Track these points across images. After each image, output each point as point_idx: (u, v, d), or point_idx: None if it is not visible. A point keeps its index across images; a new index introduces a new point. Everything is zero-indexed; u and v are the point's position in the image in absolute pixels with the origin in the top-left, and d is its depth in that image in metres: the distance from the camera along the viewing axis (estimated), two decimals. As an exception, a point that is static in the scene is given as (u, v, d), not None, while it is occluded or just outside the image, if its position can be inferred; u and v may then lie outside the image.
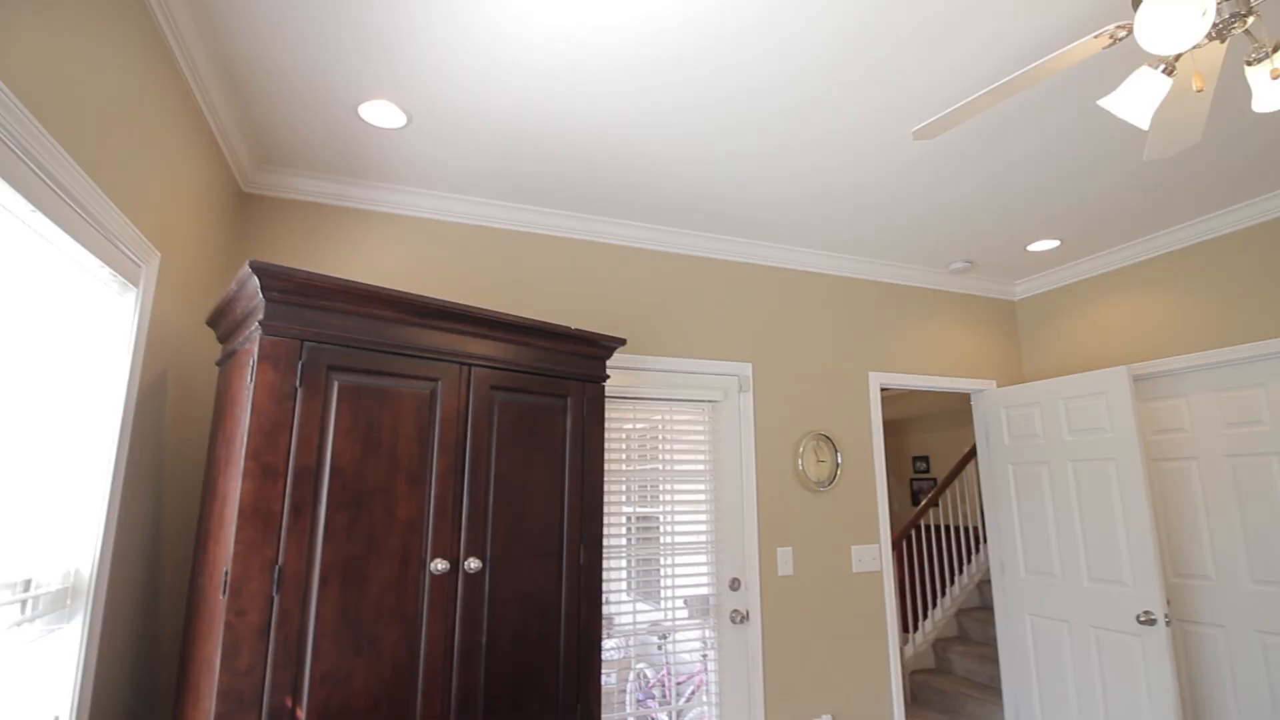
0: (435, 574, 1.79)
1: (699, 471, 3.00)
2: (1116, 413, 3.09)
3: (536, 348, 2.11)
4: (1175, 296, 3.31)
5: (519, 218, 2.85)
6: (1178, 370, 3.28)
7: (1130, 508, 3.01)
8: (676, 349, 3.07)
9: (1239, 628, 3.01)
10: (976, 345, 3.90)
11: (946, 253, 3.51)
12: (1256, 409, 3.02)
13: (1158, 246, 3.36)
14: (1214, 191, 2.86)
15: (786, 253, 3.38)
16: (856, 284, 3.60)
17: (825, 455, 3.28)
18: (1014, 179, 2.69)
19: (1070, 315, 3.79)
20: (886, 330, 3.63)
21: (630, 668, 2.91)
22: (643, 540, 2.88)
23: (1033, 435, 3.50)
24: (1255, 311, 3.01)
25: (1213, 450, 3.16)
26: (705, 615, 2.90)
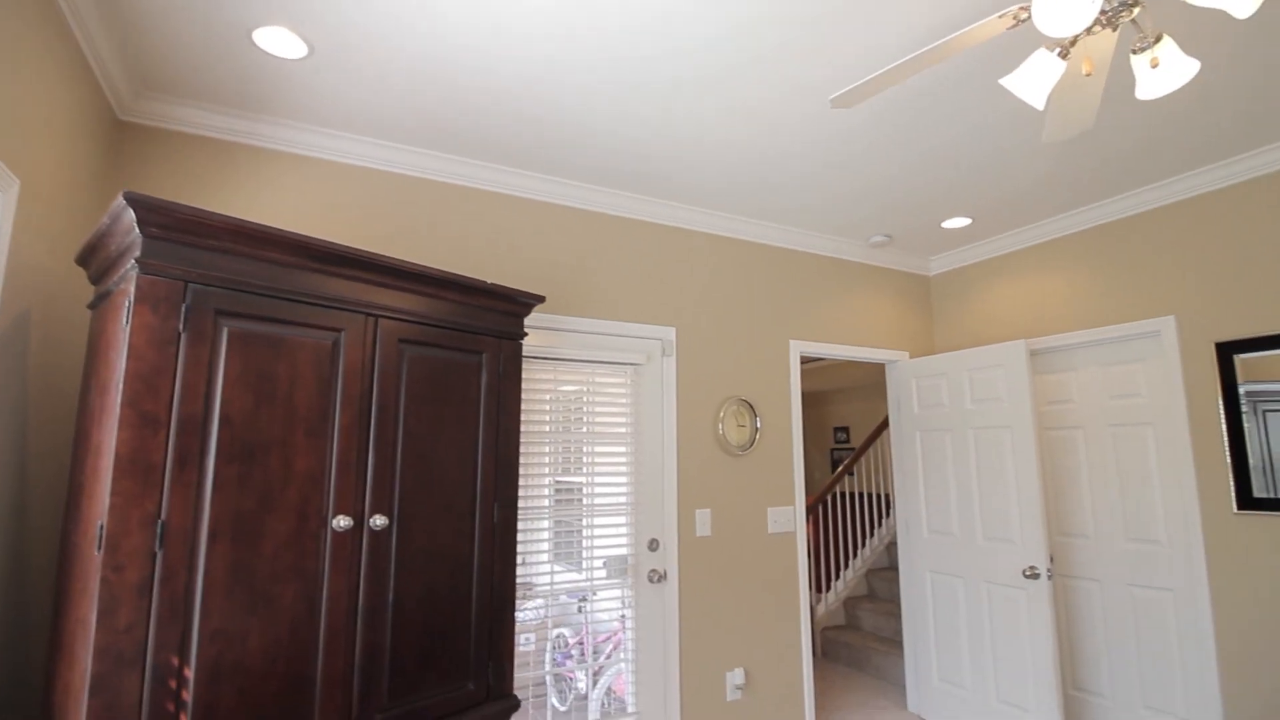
0: (338, 530, 1.73)
1: (621, 434, 3.01)
2: (1013, 384, 3.29)
3: (449, 301, 2.04)
4: (1071, 277, 3.53)
5: (434, 166, 2.74)
6: (1069, 346, 3.52)
7: (1021, 472, 3.23)
8: (600, 311, 3.05)
9: (1112, 581, 3.30)
10: (892, 318, 4.06)
11: (867, 226, 3.61)
12: (1136, 383, 3.28)
13: (1059, 229, 3.57)
14: (1107, 178, 3.04)
15: (712, 218, 3.39)
16: (780, 253, 3.66)
17: (745, 420, 3.35)
18: (932, 158, 2.78)
19: (979, 291, 3.99)
20: (808, 300, 3.72)
21: (550, 631, 2.93)
22: (564, 503, 2.88)
23: (939, 404, 3.68)
24: (1138, 293, 3.24)
25: (1096, 420, 3.42)
26: (624, 575, 2.94)
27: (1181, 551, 3.03)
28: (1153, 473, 3.17)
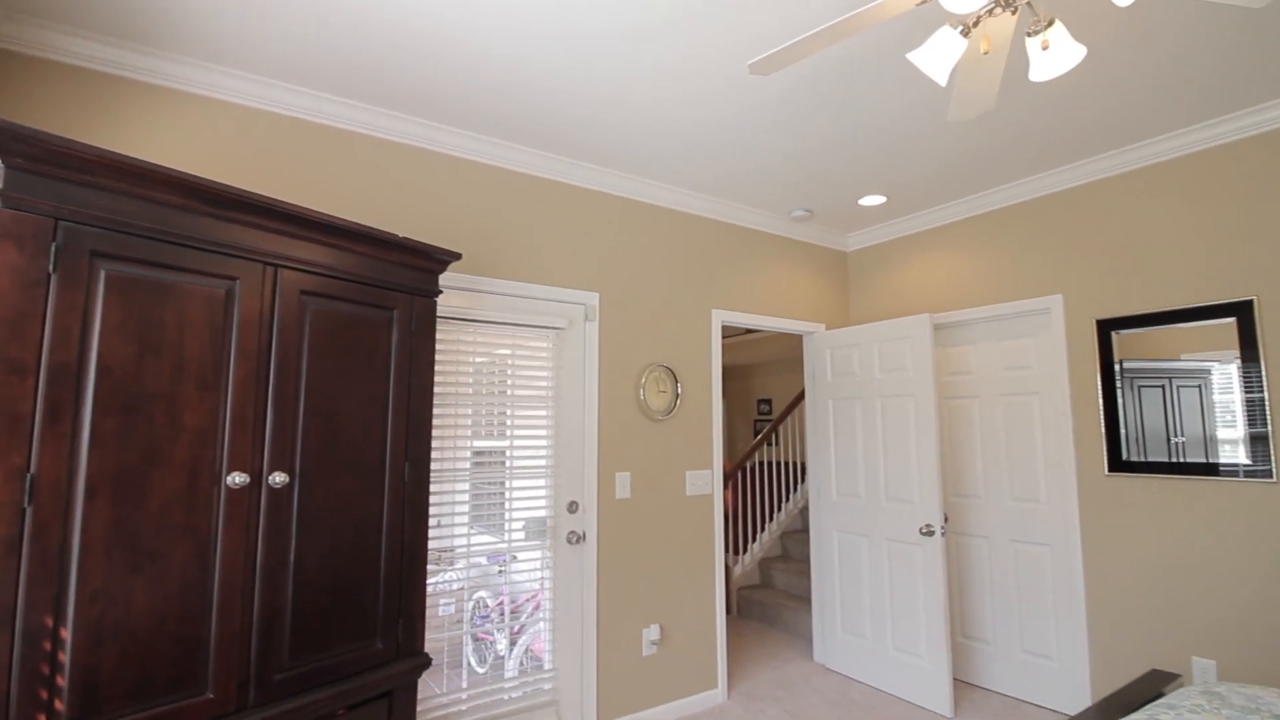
0: (233, 488, 1.67)
1: (542, 398, 3.01)
2: (918, 355, 3.48)
3: (359, 254, 1.97)
4: (974, 256, 3.74)
5: (349, 115, 2.61)
6: (970, 321, 3.74)
7: (921, 438, 3.44)
8: (523, 273, 3.01)
9: (999, 537, 3.58)
10: (811, 291, 4.20)
11: (789, 200, 3.70)
12: (1026, 356, 3.53)
13: (965, 210, 3.76)
14: (1008, 164, 3.22)
15: (639, 184, 3.39)
16: (705, 223, 3.71)
17: (666, 386, 3.41)
18: (849, 135, 2.87)
19: (892, 268, 4.17)
20: (730, 271, 3.79)
21: (467, 597, 2.92)
22: (486, 467, 2.86)
23: (851, 374, 3.86)
24: (1032, 273, 3.48)
25: (990, 390, 3.67)
26: (543, 538, 2.97)
27: (1059, 510, 3.32)
28: (1037, 439, 3.44)
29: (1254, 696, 1.78)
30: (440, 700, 2.65)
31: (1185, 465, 2.90)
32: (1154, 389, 3.02)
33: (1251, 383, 2.74)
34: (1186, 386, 2.93)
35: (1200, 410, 2.87)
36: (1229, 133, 2.81)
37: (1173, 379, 2.97)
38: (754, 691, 3.56)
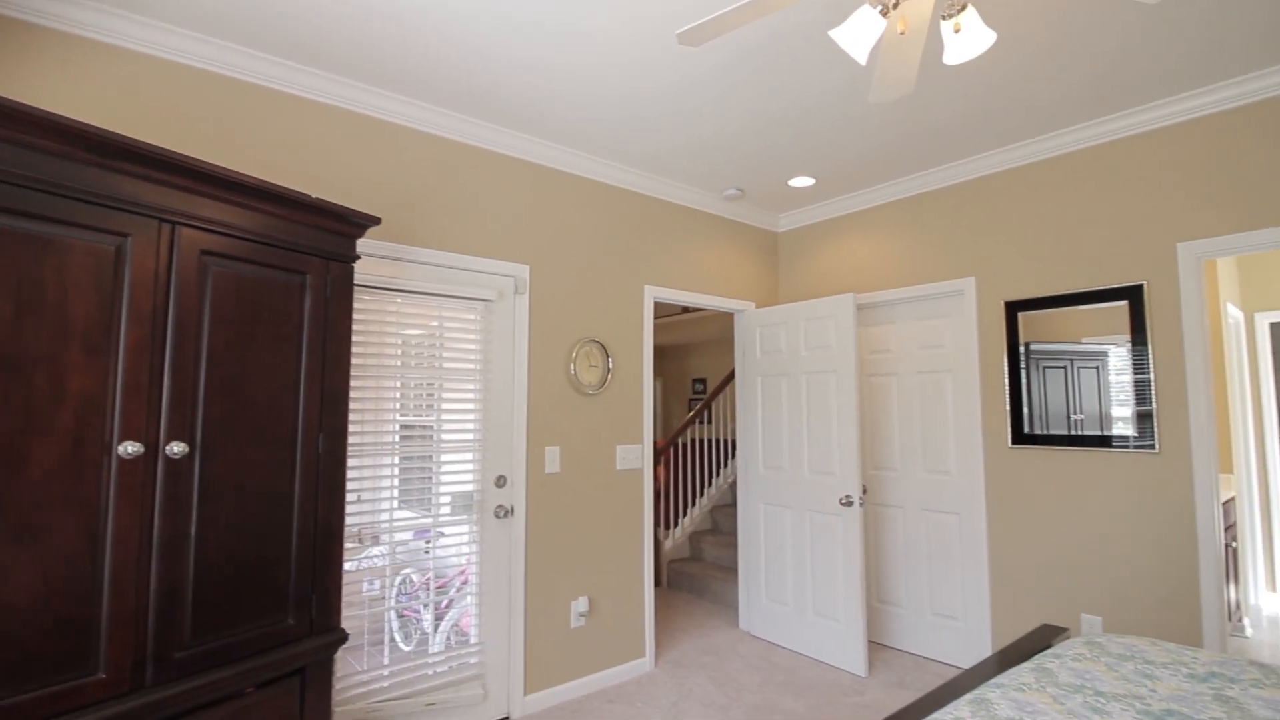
0: (125, 457, 1.57)
1: (471, 371, 2.95)
2: (841, 333, 3.60)
3: (267, 214, 1.87)
4: (897, 239, 3.88)
5: (260, 69, 2.45)
6: (891, 301, 3.89)
7: (843, 413, 3.57)
8: (451, 244, 2.93)
9: (912, 506, 3.77)
10: (743, 269, 4.26)
11: (721, 179, 3.73)
12: (941, 335, 3.70)
13: (889, 194, 3.89)
14: (929, 150, 3.34)
15: (572, 156, 3.35)
16: (638, 198, 3.70)
17: (597, 361, 3.41)
18: (779, 116, 2.90)
19: (820, 248, 4.28)
20: (663, 247, 3.80)
21: (388, 574, 2.86)
22: (413, 441, 2.79)
23: (779, 351, 3.95)
24: (948, 256, 3.64)
25: (908, 368, 3.84)
26: (470, 512, 2.93)
27: (967, 480, 3.52)
28: (949, 414, 3.63)
29: (1130, 645, 1.95)
30: (360, 678, 2.60)
31: (1082, 438, 3.12)
32: (1057, 369, 3.23)
33: (1140, 364, 2.96)
34: (1086, 367, 3.14)
35: (1098, 389, 3.09)
36: (1127, 127, 3.00)
37: (1074, 360, 3.18)
38: (681, 659, 3.65)
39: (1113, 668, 1.73)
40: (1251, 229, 2.69)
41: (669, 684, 3.34)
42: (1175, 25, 2.30)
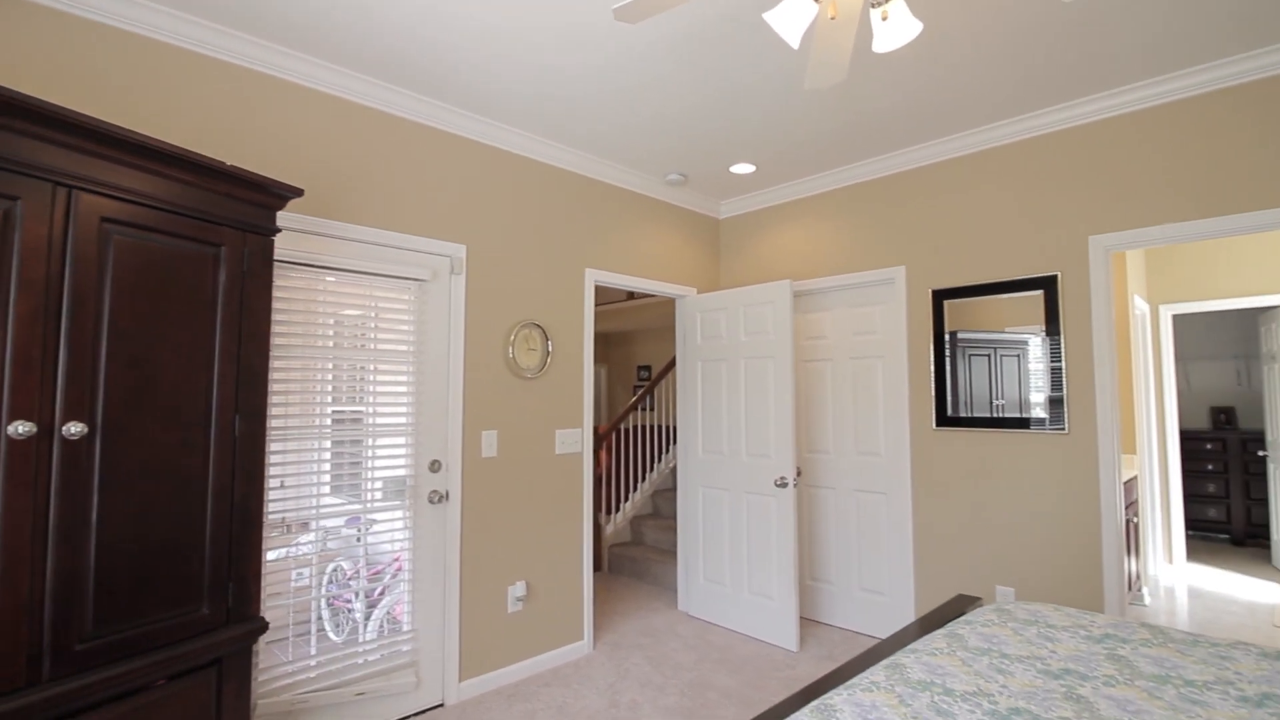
0: (15, 438, 1.46)
1: (404, 353, 2.87)
2: (778, 319, 3.67)
3: (176, 181, 1.76)
4: (833, 227, 3.98)
5: (180, 30, 2.30)
6: (827, 289, 3.99)
7: (779, 397, 3.65)
8: (384, 220, 2.83)
9: (844, 487, 3.90)
10: (685, 255, 4.29)
11: (664, 163, 3.73)
12: (872, 322, 3.82)
13: (827, 184, 3.98)
14: (864, 142, 3.43)
15: (512, 135, 3.28)
16: (580, 180, 3.66)
17: (537, 344, 3.37)
18: (721, 100, 2.92)
19: (761, 235, 4.35)
20: (605, 230, 3.78)
21: (320, 562, 2.78)
22: (345, 425, 2.70)
23: (719, 336, 4.00)
24: (881, 245, 3.75)
25: (842, 354, 3.95)
26: (403, 497, 2.86)
27: (894, 461, 3.66)
28: (879, 397, 3.76)
29: (1035, 611, 2.07)
30: (286, 669, 2.52)
31: (1001, 420, 3.28)
32: (982, 357, 3.38)
33: (1054, 351, 3.13)
34: (1009, 355, 3.29)
35: (1018, 376, 3.25)
36: (1046, 124, 3.15)
37: (998, 349, 3.33)
38: (620, 641, 3.68)
39: (1018, 632, 1.84)
40: (1154, 224, 2.87)
41: (607, 665, 3.36)
42: (1090, 28, 2.42)
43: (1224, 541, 5.99)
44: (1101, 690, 1.50)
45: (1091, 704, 1.43)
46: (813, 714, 1.35)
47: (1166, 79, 2.79)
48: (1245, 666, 1.63)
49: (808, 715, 1.34)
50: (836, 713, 1.36)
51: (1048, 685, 1.52)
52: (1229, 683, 1.54)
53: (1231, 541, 5.92)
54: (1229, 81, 2.70)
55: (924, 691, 1.46)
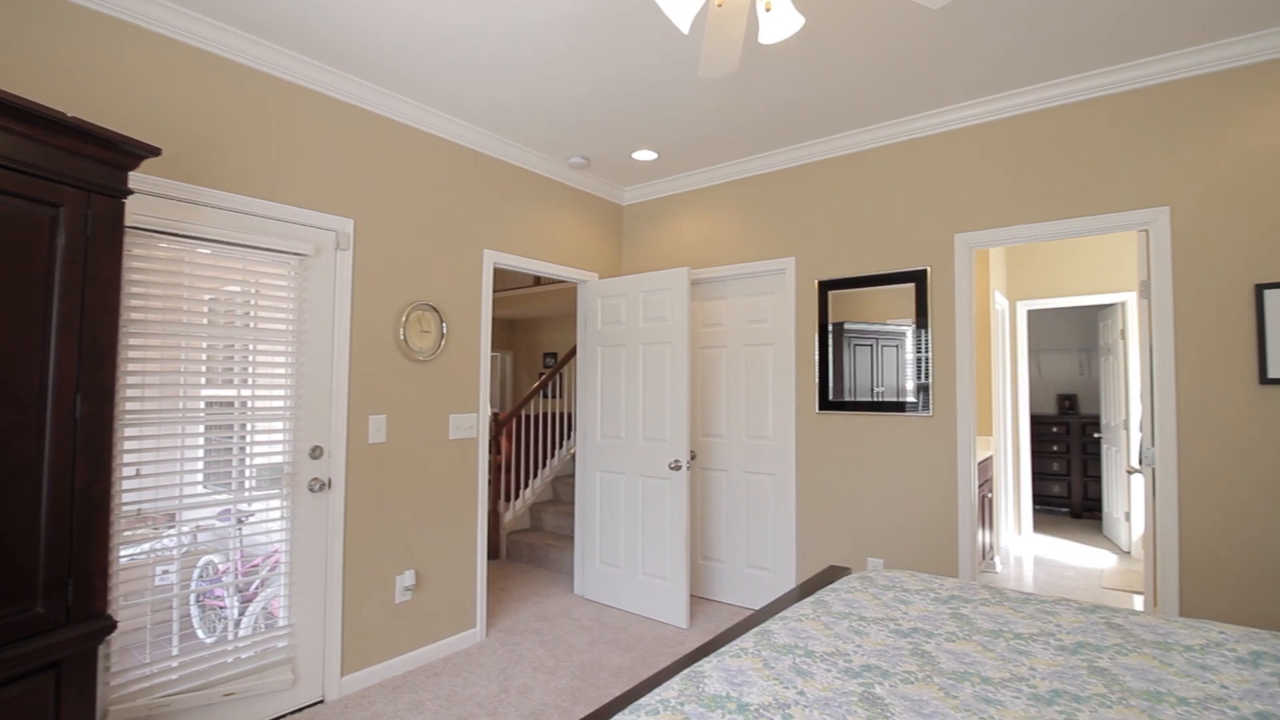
0: None
1: (282, 331, 2.70)
2: (676, 306, 3.75)
3: (6, 131, 1.57)
4: (730, 218, 4.11)
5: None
6: (724, 277, 4.12)
7: (675, 382, 3.74)
8: (262, 189, 2.64)
9: (736, 469, 4.06)
10: (587, 239, 4.29)
11: (566, 145, 3.71)
12: (764, 311, 3.99)
13: (726, 175, 4.09)
14: (759, 135, 3.55)
15: (410, 107, 3.15)
16: (480, 158, 3.57)
17: (430, 326, 3.27)
18: (621, 84, 2.93)
19: (662, 222, 4.42)
20: (506, 211, 3.72)
21: (197, 559, 2.58)
22: (218, 410, 2.50)
23: (619, 322, 4.04)
24: (773, 236, 3.91)
25: (737, 341, 4.09)
26: (280, 486, 2.71)
27: (781, 443, 3.85)
28: (769, 383, 3.93)
29: (893, 578, 2.25)
30: (143, 671, 2.33)
31: (877, 404, 3.52)
32: (865, 347, 3.60)
33: (922, 343, 3.39)
34: (889, 346, 3.52)
35: (896, 364, 3.49)
36: (923, 127, 3.39)
37: (879, 339, 3.56)
38: (514, 627, 3.67)
39: (877, 597, 2.00)
40: (1010, 224, 3.16)
41: (499, 652, 3.34)
42: (954, 41, 2.62)
43: (1065, 514, 6.73)
44: (944, 645, 1.66)
45: (934, 658, 1.58)
46: (683, 681, 1.41)
47: (1020, 92, 3.08)
48: (1065, 620, 1.86)
49: (678, 683, 1.40)
50: (705, 679, 1.43)
51: (897, 643, 1.66)
52: (1050, 634, 1.75)
53: (1071, 514, 6.67)
54: (1073, 98, 3.01)
55: (787, 655, 1.56)
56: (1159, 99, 2.83)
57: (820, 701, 1.34)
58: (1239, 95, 2.67)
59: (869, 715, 1.29)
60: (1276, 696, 1.41)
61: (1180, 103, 2.79)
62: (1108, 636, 1.72)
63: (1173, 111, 2.81)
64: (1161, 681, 1.47)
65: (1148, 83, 2.84)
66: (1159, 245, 2.82)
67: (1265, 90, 2.62)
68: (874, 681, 1.44)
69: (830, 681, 1.43)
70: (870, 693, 1.39)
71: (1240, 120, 2.67)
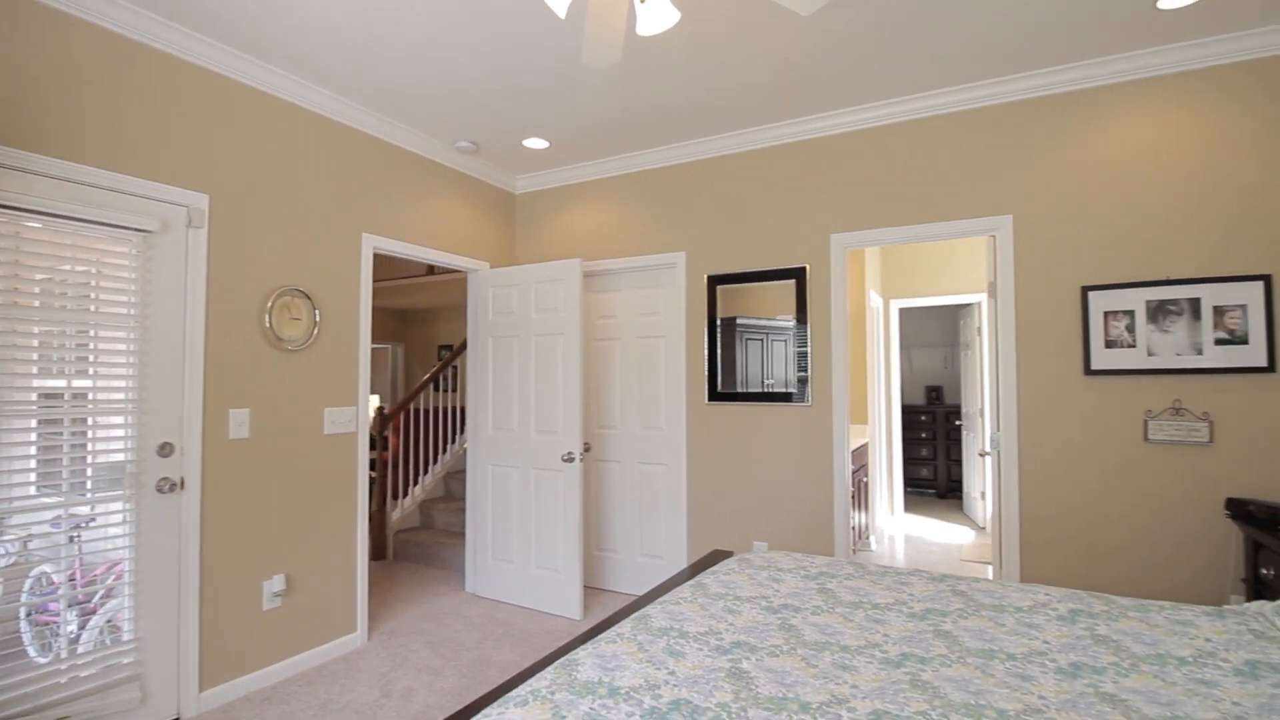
0: None
1: (123, 316, 2.44)
2: (568, 297, 3.73)
3: None
4: (624, 210, 4.13)
5: None
6: (617, 270, 4.14)
7: (568, 374, 3.72)
8: (96, 155, 2.36)
9: (629, 461, 4.10)
10: (478, 228, 4.17)
11: (453, 129, 3.58)
12: (656, 304, 4.05)
13: (620, 168, 4.11)
14: (651, 130, 3.59)
15: (271, 74, 2.92)
16: (361, 137, 3.38)
17: (302, 313, 3.06)
18: (509, 69, 2.86)
19: (556, 213, 4.37)
20: (388, 194, 3.54)
21: (28, 571, 2.28)
22: (51, 404, 2.21)
23: (510, 312, 3.97)
24: (666, 230, 3.97)
25: (630, 333, 4.13)
26: (123, 487, 2.44)
27: (673, 434, 3.93)
28: (661, 375, 4.00)
29: (769, 559, 2.35)
30: (-53, 702, 2.04)
31: (764, 395, 3.66)
32: (757, 341, 3.72)
33: (802, 336, 3.56)
34: (778, 340, 3.66)
35: (785, 357, 3.63)
36: (802, 131, 3.55)
37: (769, 334, 3.69)
38: (398, 629, 3.52)
39: (752, 577, 2.09)
40: (880, 226, 3.38)
41: (382, 655, 3.20)
42: (826, 53, 2.76)
43: (932, 495, 7.33)
44: (809, 619, 1.76)
45: (799, 631, 1.67)
46: (556, 671, 1.40)
47: (890, 103, 3.29)
48: (917, 589, 2.01)
49: (551, 673, 1.39)
50: (579, 666, 1.43)
51: (767, 619, 1.74)
52: (904, 603, 1.89)
53: (937, 495, 7.26)
54: (934, 111, 3.25)
55: (662, 637, 1.59)
56: (1007, 116, 3.12)
57: (690, 680, 1.38)
58: (1075, 116, 2.99)
59: (735, 689, 1.34)
60: (1088, 648, 1.59)
61: (1025, 121, 3.09)
62: (952, 602, 1.88)
63: (1019, 128, 3.10)
64: (995, 640, 1.63)
65: (998, 100, 3.12)
66: (1004, 250, 3.11)
67: (1099, 112, 2.95)
68: (742, 657, 1.50)
69: (701, 660, 1.48)
70: (738, 668, 1.44)
71: (1076, 139, 2.99)
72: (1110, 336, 2.90)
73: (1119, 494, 2.87)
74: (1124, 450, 2.87)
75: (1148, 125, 2.86)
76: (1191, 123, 2.80)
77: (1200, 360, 2.75)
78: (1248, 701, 1.30)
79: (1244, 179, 2.71)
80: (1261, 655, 1.50)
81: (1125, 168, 2.90)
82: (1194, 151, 2.79)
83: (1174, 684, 1.39)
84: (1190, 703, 1.31)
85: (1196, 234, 2.78)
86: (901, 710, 1.26)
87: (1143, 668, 1.47)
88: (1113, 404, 2.89)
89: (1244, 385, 2.69)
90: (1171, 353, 2.80)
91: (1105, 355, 2.91)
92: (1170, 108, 2.83)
